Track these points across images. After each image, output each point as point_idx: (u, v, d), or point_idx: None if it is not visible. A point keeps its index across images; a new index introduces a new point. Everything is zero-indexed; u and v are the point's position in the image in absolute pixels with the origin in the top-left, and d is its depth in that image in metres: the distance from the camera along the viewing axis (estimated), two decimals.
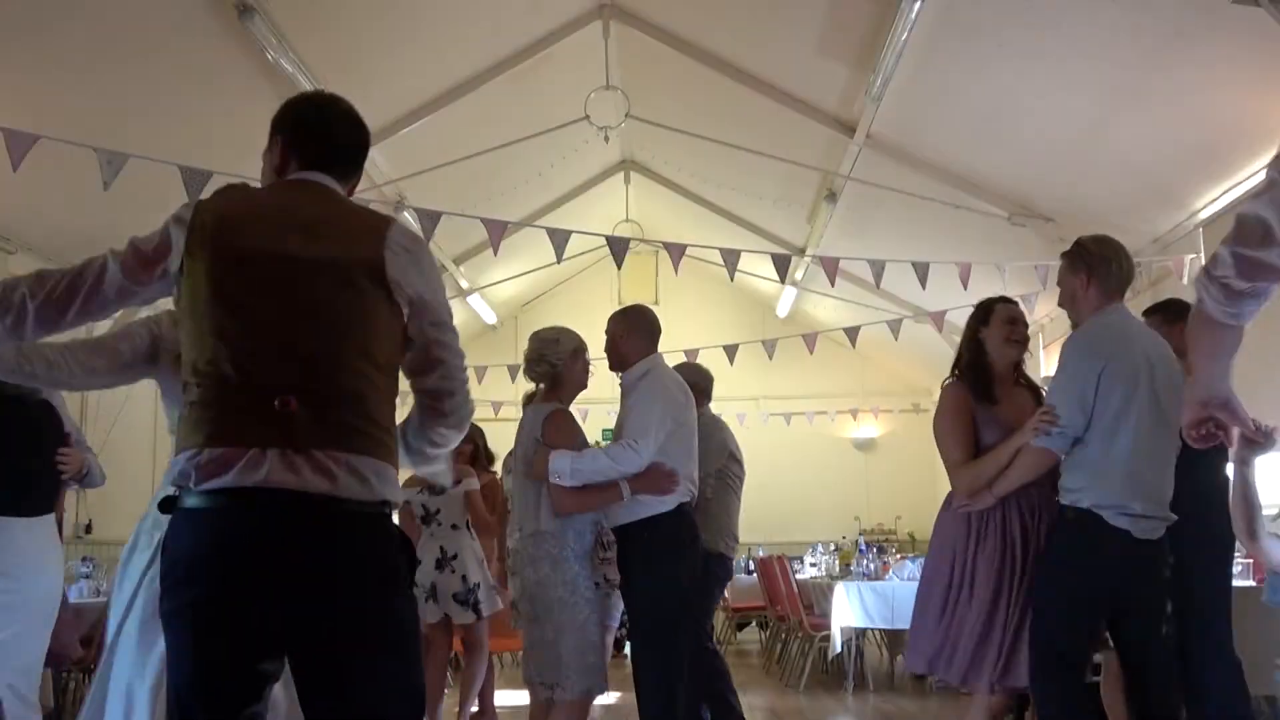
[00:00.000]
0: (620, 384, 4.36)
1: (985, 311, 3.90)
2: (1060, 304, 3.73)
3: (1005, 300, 3.98)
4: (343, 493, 1.92)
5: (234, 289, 1.99)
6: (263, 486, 1.88)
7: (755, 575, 10.14)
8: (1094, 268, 3.55)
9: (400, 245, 2.09)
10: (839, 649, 7.41)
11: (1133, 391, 3.38)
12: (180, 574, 1.93)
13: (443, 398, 2.18)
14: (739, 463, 5.30)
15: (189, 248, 2.02)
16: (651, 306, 4.51)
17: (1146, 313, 4.67)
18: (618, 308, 4.60)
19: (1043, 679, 3.40)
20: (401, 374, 2.18)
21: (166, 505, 1.97)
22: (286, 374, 1.95)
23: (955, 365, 3.93)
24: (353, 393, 1.98)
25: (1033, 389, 3.91)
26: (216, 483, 1.89)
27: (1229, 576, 4.35)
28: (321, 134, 2.24)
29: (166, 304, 2.30)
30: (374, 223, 2.15)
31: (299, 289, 1.99)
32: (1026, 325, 3.98)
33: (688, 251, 7.63)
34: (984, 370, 3.82)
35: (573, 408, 4.27)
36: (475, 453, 6.21)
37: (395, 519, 2.13)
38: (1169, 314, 4.57)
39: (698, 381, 5.02)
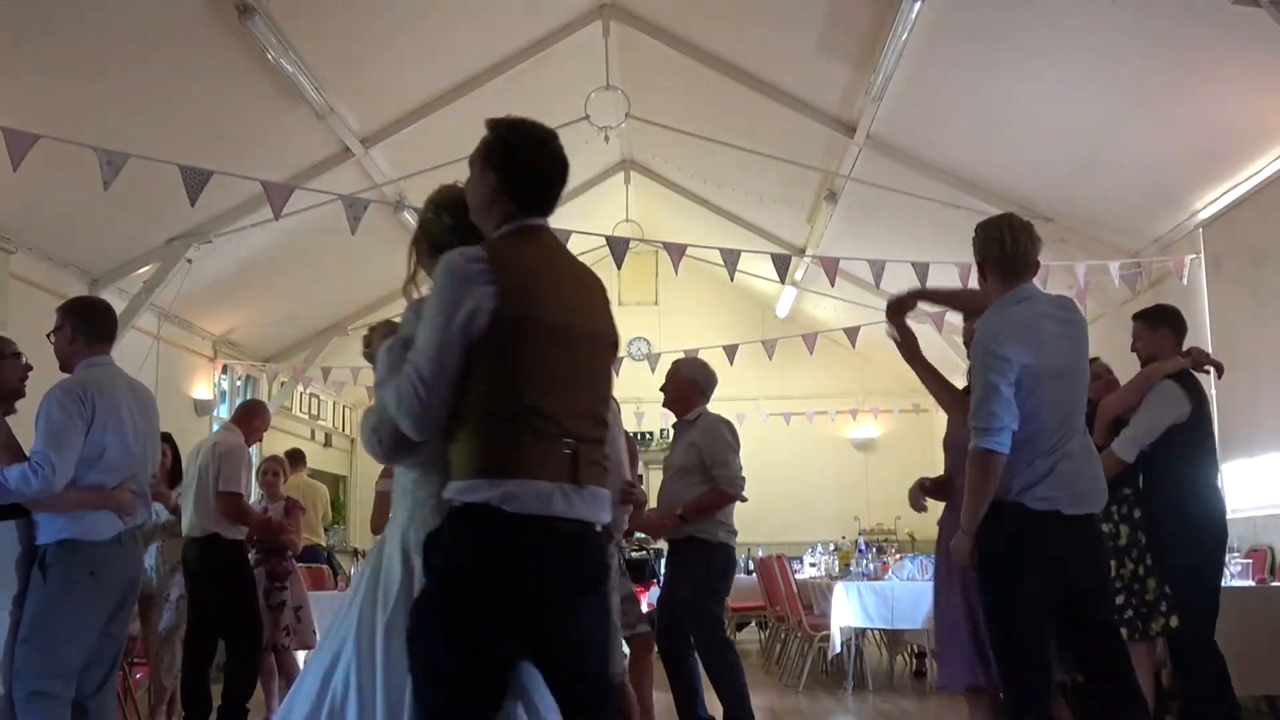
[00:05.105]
0: None
1: None
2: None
3: None
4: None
5: (550, 357, 2.28)
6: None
7: (755, 575, 10.13)
8: (984, 253, 3.33)
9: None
10: (838, 649, 7.40)
11: (1038, 372, 3.17)
12: None
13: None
14: None
15: (505, 304, 2.21)
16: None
17: (1134, 317, 4.71)
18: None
19: (1010, 683, 3.22)
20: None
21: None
22: (584, 426, 2.31)
23: None
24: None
25: None
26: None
27: (1204, 571, 4.37)
28: (543, 176, 2.39)
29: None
30: (598, 281, 2.49)
31: (594, 362, 2.38)
32: None
33: (688, 251, 7.63)
34: None
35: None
36: None
37: None
38: (1150, 319, 4.62)
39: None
